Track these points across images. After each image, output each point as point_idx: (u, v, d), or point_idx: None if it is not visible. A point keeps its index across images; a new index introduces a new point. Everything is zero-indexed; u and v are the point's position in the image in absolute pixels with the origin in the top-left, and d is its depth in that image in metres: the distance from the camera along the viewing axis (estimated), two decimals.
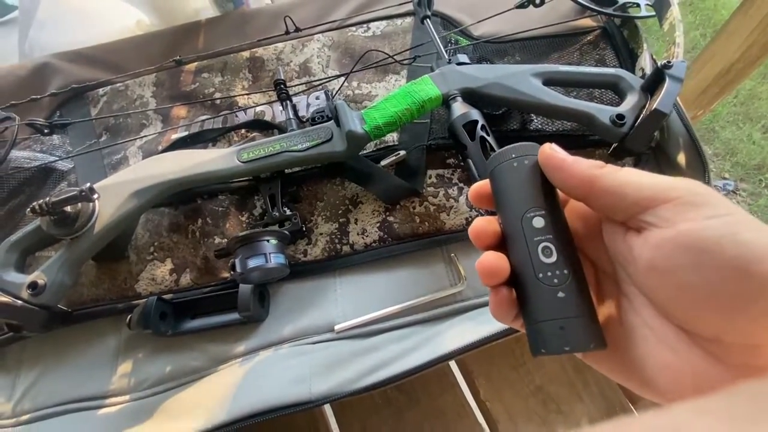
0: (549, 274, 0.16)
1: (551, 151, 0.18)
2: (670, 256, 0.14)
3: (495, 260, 0.17)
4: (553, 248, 0.17)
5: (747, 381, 0.11)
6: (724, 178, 1.19)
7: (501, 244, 0.18)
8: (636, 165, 0.37)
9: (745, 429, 0.09)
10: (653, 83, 0.32)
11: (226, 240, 0.38)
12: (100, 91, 0.49)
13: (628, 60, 0.40)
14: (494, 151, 0.32)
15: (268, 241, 0.31)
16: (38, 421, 0.35)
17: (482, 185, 0.20)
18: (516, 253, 0.17)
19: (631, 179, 0.16)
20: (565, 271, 0.16)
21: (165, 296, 0.37)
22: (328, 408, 0.35)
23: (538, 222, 0.17)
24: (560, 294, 0.16)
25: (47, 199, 0.30)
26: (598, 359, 0.17)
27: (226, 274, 0.37)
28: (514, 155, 0.18)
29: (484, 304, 0.34)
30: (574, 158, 0.17)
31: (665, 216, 0.15)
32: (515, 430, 0.33)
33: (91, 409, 0.35)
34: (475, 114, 0.33)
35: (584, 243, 0.19)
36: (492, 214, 0.19)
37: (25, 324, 0.30)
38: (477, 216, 0.36)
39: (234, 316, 0.34)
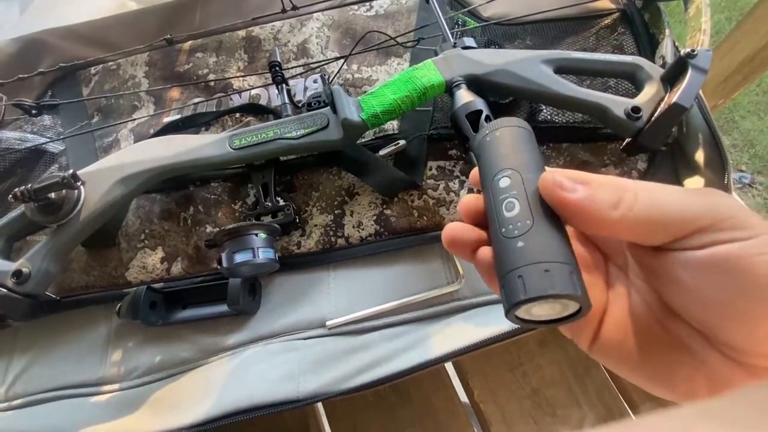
0: (510, 226, 0.16)
1: (555, 188, 0.15)
2: (697, 275, 0.14)
3: (457, 228, 0.17)
4: (515, 201, 0.16)
5: (752, 385, 0.10)
6: (741, 171, 1.15)
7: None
8: (650, 162, 0.35)
9: None
10: (674, 74, 0.30)
11: (217, 229, 0.37)
12: (92, 70, 0.47)
13: (648, 47, 0.38)
14: None
15: (256, 234, 0.30)
16: (30, 406, 0.35)
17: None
18: (489, 219, 0.17)
19: (654, 215, 0.14)
20: (528, 221, 0.15)
21: (155, 285, 0.36)
22: (319, 405, 0.35)
23: (504, 182, 0.17)
24: (519, 243, 0.15)
25: (29, 185, 0.29)
26: (606, 353, 0.17)
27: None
28: (487, 132, 0.19)
29: (482, 304, 0.33)
30: (585, 199, 0.15)
31: (695, 244, 0.14)
32: None
33: (82, 396, 0.35)
34: (480, 103, 0.31)
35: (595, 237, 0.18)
36: None
37: (9, 313, 0.29)
38: None
39: (224, 307, 0.33)
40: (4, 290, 0.29)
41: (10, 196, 0.29)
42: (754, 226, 0.13)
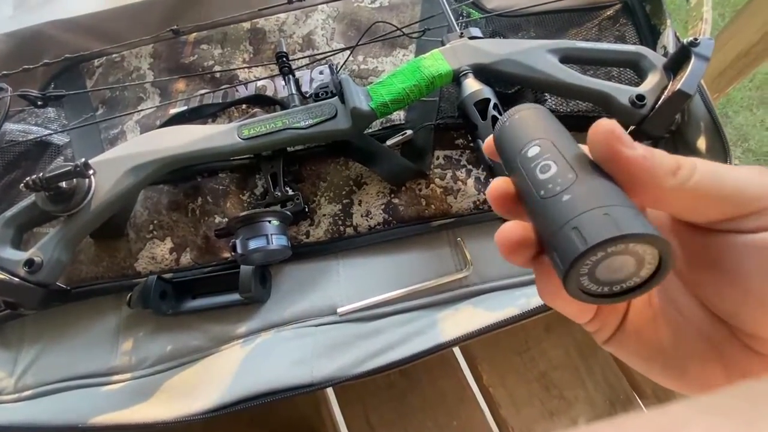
0: (550, 186, 0.13)
1: (613, 139, 0.13)
2: (743, 261, 0.13)
3: (511, 229, 0.14)
4: (550, 163, 0.14)
5: (751, 380, 0.10)
6: (734, 165, 1.17)
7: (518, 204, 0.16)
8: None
9: (745, 428, 0.08)
10: (677, 62, 0.31)
11: (226, 219, 0.37)
12: (96, 62, 0.47)
13: (650, 37, 0.38)
14: None
15: (269, 221, 0.30)
16: (40, 397, 0.35)
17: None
18: (523, 195, 0.15)
19: (711, 189, 0.13)
20: (570, 175, 0.13)
21: (165, 275, 0.36)
22: (330, 390, 0.35)
23: (533, 150, 0.15)
24: (565, 197, 0.13)
25: (41, 174, 0.29)
26: (620, 345, 0.16)
27: (227, 254, 0.37)
28: (506, 118, 0.17)
29: (490, 290, 0.33)
30: (644, 157, 0.13)
31: (747, 226, 0.13)
32: (517, 415, 0.33)
33: (93, 386, 0.35)
34: (488, 92, 0.31)
35: None
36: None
37: (22, 301, 0.29)
38: (485, 199, 0.35)
39: (235, 296, 0.34)
40: (17, 279, 0.29)
41: (22, 184, 0.29)
42: None
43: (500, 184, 0.16)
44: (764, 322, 0.13)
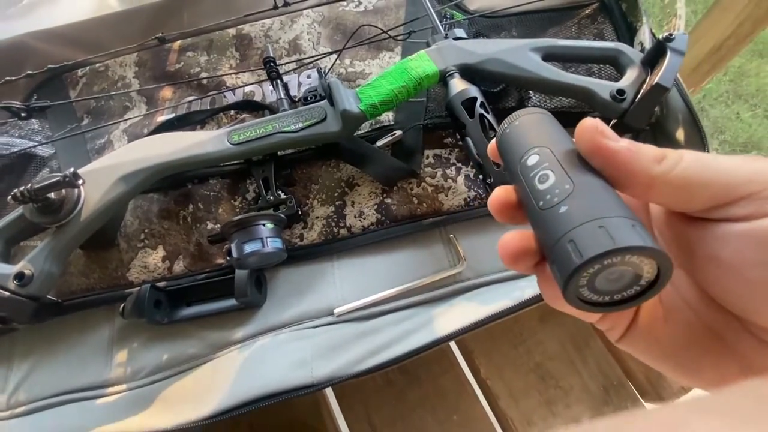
0: (548, 196, 0.13)
1: (596, 134, 0.13)
2: (739, 252, 0.13)
3: (512, 239, 0.14)
4: (549, 172, 0.14)
5: (752, 379, 0.10)
6: None
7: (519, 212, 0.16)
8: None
9: (747, 428, 0.08)
10: (654, 57, 0.32)
11: (218, 225, 0.37)
12: (79, 72, 0.46)
13: (627, 34, 0.40)
14: (493, 128, 0.31)
15: (264, 225, 0.30)
16: (34, 413, 0.34)
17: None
18: (524, 205, 0.15)
19: (697, 176, 0.13)
20: (567, 186, 0.13)
21: (158, 284, 0.36)
22: (329, 392, 0.35)
23: (532, 159, 0.15)
24: (561, 209, 0.13)
25: (29, 185, 0.29)
26: (637, 343, 0.16)
27: (220, 260, 0.36)
28: (506, 125, 0.17)
29: (484, 284, 0.34)
30: (627, 149, 0.13)
31: (739, 213, 0.13)
32: (515, 406, 0.33)
33: (88, 399, 0.34)
34: (474, 91, 0.32)
35: None
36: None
37: (13, 316, 0.29)
38: (476, 196, 0.36)
39: (231, 302, 0.34)
40: (7, 293, 0.29)
41: (10, 197, 0.29)
42: None
43: (501, 193, 0.16)
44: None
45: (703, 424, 0.09)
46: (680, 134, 0.34)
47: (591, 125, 0.14)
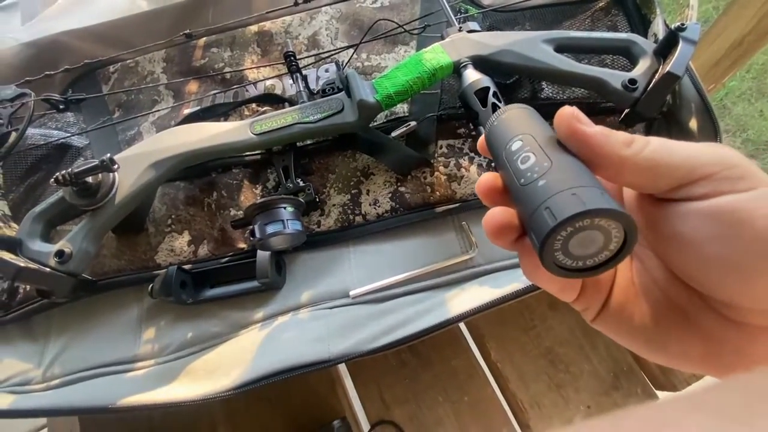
0: (528, 174, 0.15)
1: (573, 120, 0.15)
2: (697, 228, 0.14)
3: (496, 214, 0.16)
4: (530, 154, 0.15)
5: (740, 375, 0.10)
6: None
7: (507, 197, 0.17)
8: (647, 131, 0.37)
9: (737, 426, 0.08)
10: (666, 47, 0.32)
11: (241, 212, 0.39)
12: (111, 68, 0.49)
13: (641, 26, 0.40)
14: None
15: (285, 208, 0.32)
16: (68, 386, 0.37)
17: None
18: (508, 185, 0.16)
19: (663, 158, 0.14)
20: (545, 164, 0.15)
21: (184, 266, 0.38)
22: (344, 371, 0.36)
23: (516, 145, 0.16)
24: (540, 182, 0.14)
25: (70, 169, 0.31)
26: (610, 323, 0.17)
27: (242, 245, 0.38)
28: (494, 119, 0.19)
29: (495, 270, 0.35)
30: (600, 133, 0.15)
31: (698, 192, 0.14)
32: (525, 389, 0.34)
33: (118, 373, 0.37)
34: (487, 81, 0.33)
35: None
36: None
37: (54, 290, 0.31)
38: None
39: (252, 283, 0.35)
40: (49, 269, 0.31)
41: (52, 179, 0.31)
42: (758, 178, 0.13)
43: (488, 178, 0.17)
44: (728, 287, 0.13)
45: (693, 422, 0.09)
46: (693, 124, 0.34)
47: (569, 112, 0.15)
